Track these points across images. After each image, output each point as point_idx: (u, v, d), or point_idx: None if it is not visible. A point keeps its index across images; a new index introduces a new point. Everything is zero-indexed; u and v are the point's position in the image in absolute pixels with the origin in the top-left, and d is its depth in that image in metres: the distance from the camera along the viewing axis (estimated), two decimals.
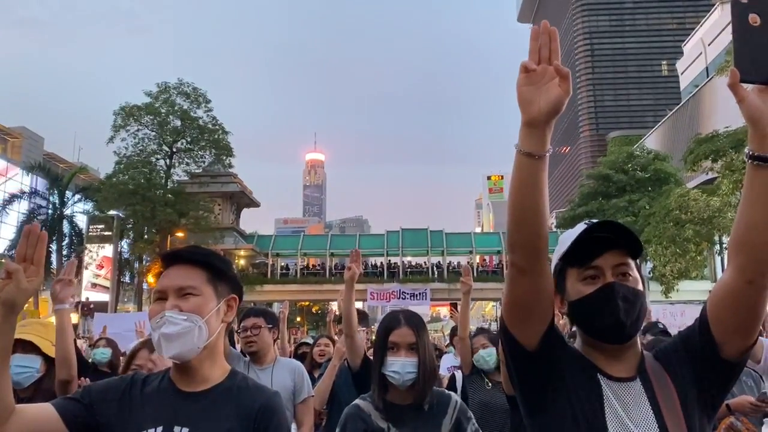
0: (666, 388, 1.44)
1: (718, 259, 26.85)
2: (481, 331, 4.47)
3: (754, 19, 1.26)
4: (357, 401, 2.45)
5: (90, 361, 5.08)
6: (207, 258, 1.69)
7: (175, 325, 1.57)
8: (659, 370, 1.49)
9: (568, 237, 1.55)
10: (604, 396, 1.44)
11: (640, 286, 1.50)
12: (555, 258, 1.57)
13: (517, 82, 1.29)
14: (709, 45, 42.17)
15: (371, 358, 3.53)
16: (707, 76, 38.87)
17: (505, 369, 3.36)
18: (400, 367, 2.36)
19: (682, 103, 43.95)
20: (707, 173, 25.20)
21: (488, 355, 4.06)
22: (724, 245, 24.47)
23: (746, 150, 1.30)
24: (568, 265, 1.53)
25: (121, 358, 4.88)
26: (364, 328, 3.98)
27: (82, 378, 2.99)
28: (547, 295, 1.44)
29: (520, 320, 1.45)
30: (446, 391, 2.59)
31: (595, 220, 1.55)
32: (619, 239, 1.49)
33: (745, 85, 1.26)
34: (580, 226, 1.55)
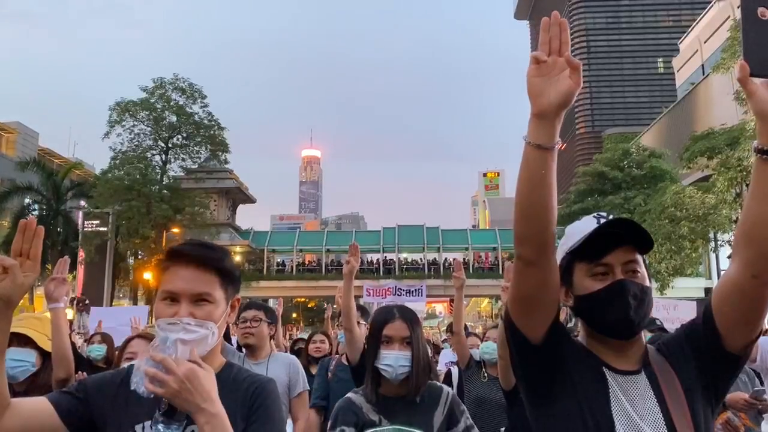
0: (670, 381, 1.45)
1: (713, 256, 26.90)
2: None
3: (763, 12, 1.25)
4: (349, 395, 2.46)
5: (86, 356, 5.07)
6: (221, 263, 1.65)
7: (192, 332, 1.53)
8: (663, 363, 1.49)
9: (576, 230, 1.54)
10: (609, 389, 1.44)
11: (647, 283, 1.50)
12: (561, 251, 1.56)
13: (527, 73, 1.29)
14: (705, 43, 42.18)
15: None
16: (703, 74, 38.89)
17: (503, 364, 3.38)
18: (394, 360, 2.37)
19: (678, 100, 44.00)
20: (703, 170, 25.23)
21: (493, 349, 4.06)
22: (719, 242, 24.54)
23: (754, 144, 1.31)
24: (577, 259, 1.52)
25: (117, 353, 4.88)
26: (364, 323, 3.97)
27: (78, 372, 2.99)
28: (553, 289, 1.44)
29: (526, 313, 1.45)
30: (438, 383, 2.59)
31: (603, 213, 1.55)
32: (629, 235, 1.48)
33: (755, 79, 1.26)
34: (589, 220, 1.55)
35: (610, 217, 1.53)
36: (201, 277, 1.60)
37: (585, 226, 1.53)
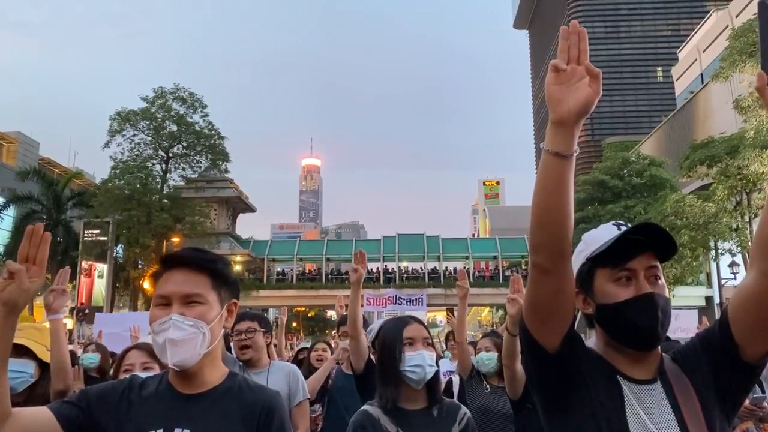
0: (686, 390, 1.44)
1: (713, 264, 26.86)
2: (490, 333, 4.45)
3: None
4: (365, 407, 2.40)
5: (79, 364, 5.03)
6: (213, 264, 1.67)
7: (182, 330, 1.55)
8: (678, 372, 1.48)
9: (595, 237, 1.55)
10: (625, 398, 1.43)
11: (667, 292, 1.51)
12: (580, 258, 1.56)
13: (547, 82, 1.29)
14: (703, 52, 42.36)
15: (373, 360, 3.51)
16: (702, 83, 38.99)
17: (509, 374, 3.36)
18: (422, 359, 2.33)
19: (677, 109, 44.10)
20: (702, 179, 25.25)
21: (488, 359, 4.03)
22: (719, 251, 24.49)
23: None
24: (599, 265, 1.51)
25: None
26: (364, 332, 3.97)
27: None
28: (568, 297, 1.42)
29: (541, 321, 1.44)
30: (456, 401, 2.57)
31: (621, 222, 1.56)
32: (651, 242, 1.48)
33: None
34: (609, 228, 1.55)
35: (629, 225, 1.53)
36: (192, 279, 1.62)
37: (605, 233, 1.53)
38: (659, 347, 1.54)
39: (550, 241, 1.35)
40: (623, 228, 1.52)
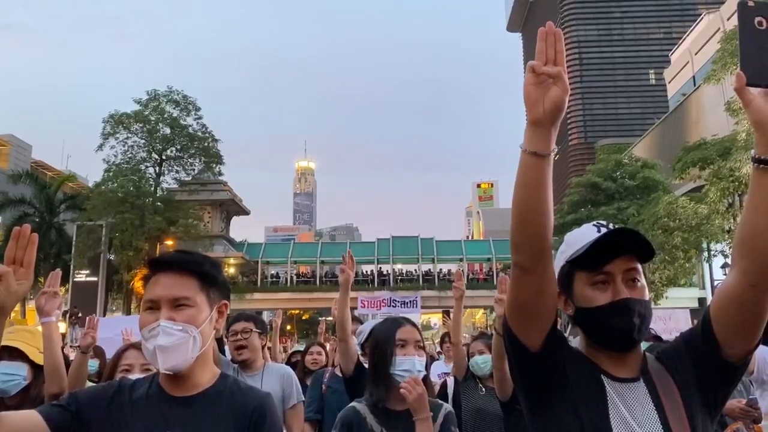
0: (669, 389, 1.45)
1: (706, 266, 26.98)
2: (480, 336, 4.45)
3: (760, 22, 1.26)
4: (353, 404, 2.44)
5: None
6: (200, 266, 1.66)
7: (171, 335, 1.54)
8: (661, 371, 1.49)
9: (575, 238, 1.55)
10: (608, 396, 1.44)
11: (647, 293, 1.51)
12: (561, 259, 1.57)
13: (524, 83, 1.32)
14: (695, 54, 42.60)
15: (363, 363, 3.50)
16: (694, 85, 39.19)
17: (499, 375, 3.37)
18: (412, 365, 2.37)
19: (669, 111, 44.30)
20: (695, 181, 25.35)
21: (483, 362, 4.05)
22: (712, 252, 24.60)
23: (752, 153, 1.31)
24: (577, 268, 1.52)
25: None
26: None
27: None
28: (550, 296, 1.44)
29: (524, 321, 1.45)
30: (439, 400, 2.60)
31: (603, 222, 1.56)
32: (630, 244, 1.49)
33: (751, 89, 1.27)
34: (589, 228, 1.55)
35: (610, 225, 1.53)
36: (179, 282, 1.62)
37: (584, 234, 1.53)
38: (641, 346, 1.55)
39: (530, 239, 1.37)
40: (603, 229, 1.52)
